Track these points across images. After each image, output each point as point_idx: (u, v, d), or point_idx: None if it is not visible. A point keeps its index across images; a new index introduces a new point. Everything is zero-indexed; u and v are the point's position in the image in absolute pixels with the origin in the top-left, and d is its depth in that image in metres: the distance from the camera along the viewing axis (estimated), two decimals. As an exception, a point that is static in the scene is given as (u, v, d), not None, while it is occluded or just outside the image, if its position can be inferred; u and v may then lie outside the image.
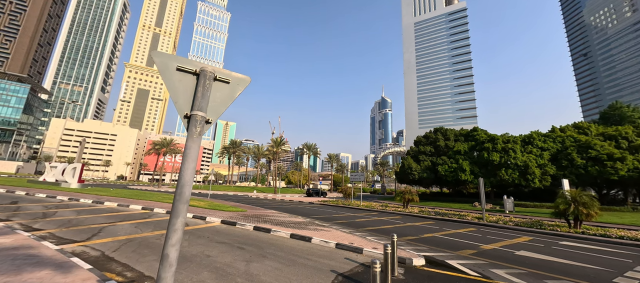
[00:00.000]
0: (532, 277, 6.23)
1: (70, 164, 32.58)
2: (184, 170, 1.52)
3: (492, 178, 33.84)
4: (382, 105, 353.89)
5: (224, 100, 1.85)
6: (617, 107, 49.31)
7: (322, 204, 28.39)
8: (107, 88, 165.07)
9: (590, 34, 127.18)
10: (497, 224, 15.42)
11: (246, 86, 1.90)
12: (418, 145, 45.93)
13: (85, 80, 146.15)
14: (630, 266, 7.64)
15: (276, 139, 66.79)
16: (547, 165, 31.81)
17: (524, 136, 35.78)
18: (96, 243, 7.42)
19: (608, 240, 11.65)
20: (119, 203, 16.27)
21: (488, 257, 8.10)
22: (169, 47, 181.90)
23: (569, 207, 13.92)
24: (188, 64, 1.71)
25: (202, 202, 19.50)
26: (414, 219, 17.58)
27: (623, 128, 31.95)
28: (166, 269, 1.39)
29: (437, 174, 39.74)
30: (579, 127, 35.87)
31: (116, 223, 10.61)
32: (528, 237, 12.09)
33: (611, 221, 18.63)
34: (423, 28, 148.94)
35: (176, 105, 1.66)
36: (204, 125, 1.68)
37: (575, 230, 13.29)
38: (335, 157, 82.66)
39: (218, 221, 12.03)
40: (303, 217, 15.21)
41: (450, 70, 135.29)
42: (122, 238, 8.17)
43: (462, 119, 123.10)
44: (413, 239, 10.51)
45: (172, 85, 1.67)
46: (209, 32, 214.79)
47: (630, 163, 27.61)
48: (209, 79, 1.71)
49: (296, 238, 9.27)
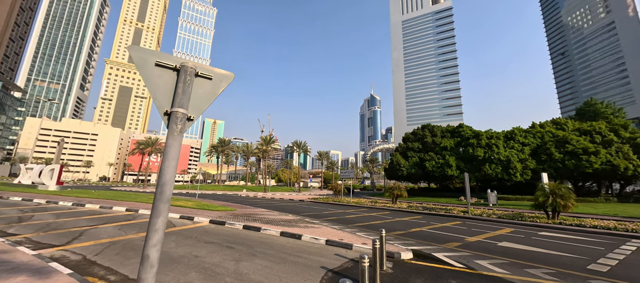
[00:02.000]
0: (514, 267, 6.51)
1: (48, 166, 31.05)
2: (164, 168, 1.48)
3: (477, 173, 34.96)
4: (371, 103, 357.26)
5: (206, 97, 1.80)
6: (592, 104, 52.00)
7: (312, 202, 28.45)
8: (87, 86, 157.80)
9: (567, 33, 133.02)
10: (482, 217, 15.97)
11: (229, 82, 1.87)
12: (406, 141, 46.75)
13: (63, 77, 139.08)
14: (602, 253, 8.12)
15: (266, 137, 66.16)
16: (527, 160, 33.19)
17: (507, 132, 37.13)
18: (77, 247, 7.14)
19: (583, 229, 12.31)
20: (102, 205, 15.69)
21: (472, 248, 8.38)
22: (153, 43, 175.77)
23: (548, 199, 14.59)
24: (167, 59, 1.65)
25: (190, 202, 19.09)
26: (403, 214, 17.93)
27: (597, 124, 33.74)
28: (147, 270, 1.35)
29: (424, 170, 40.64)
30: (557, 122, 37.59)
31: (98, 225, 10.22)
32: (510, 229, 12.61)
33: (586, 211, 19.70)
34: (410, 26, 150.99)
35: (155, 101, 1.60)
36: (186, 123, 1.63)
37: (554, 221, 13.96)
38: (326, 154, 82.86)
39: (206, 221, 11.83)
40: (293, 215, 15.19)
41: (437, 68, 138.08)
42: (105, 241, 7.89)
43: (448, 116, 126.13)
44: (401, 234, 10.73)
45: (151, 81, 1.61)
46: (195, 28, 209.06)
47: (603, 157, 29.24)
48: (190, 74, 1.67)
49: (286, 236, 9.26)
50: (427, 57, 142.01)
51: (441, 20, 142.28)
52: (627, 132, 32.57)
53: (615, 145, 30.40)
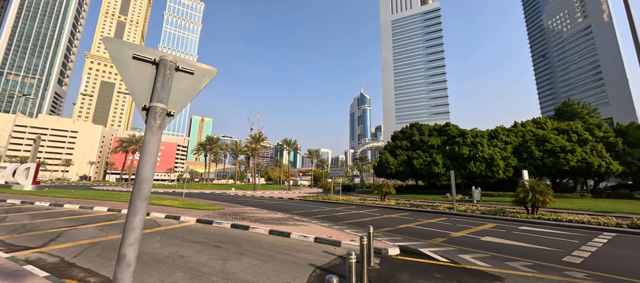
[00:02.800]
0: (495, 260, 6.77)
1: (23, 164, 29.46)
2: (142, 164, 1.43)
3: (462, 170, 35.98)
4: (361, 101, 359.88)
5: (187, 92, 1.75)
6: (570, 104, 54.52)
7: (302, 200, 28.44)
8: (65, 80, 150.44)
9: (548, 36, 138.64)
10: (466, 213, 16.48)
11: (212, 77, 1.82)
12: (395, 140, 47.47)
13: (39, 71, 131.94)
14: (576, 246, 8.57)
15: (255, 135, 65.40)
16: (510, 158, 34.46)
17: (490, 131, 38.37)
18: (54, 248, 6.83)
19: (559, 224, 12.94)
20: (82, 205, 15.06)
21: (457, 243, 8.64)
22: (136, 37, 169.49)
23: (528, 195, 15.22)
24: (146, 52, 1.59)
25: (176, 201, 18.64)
26: (391, 211, 18.23)
27: (574, 123, 35.43)
28: (123, 270, 1.30)
29: (412, 168, 41.42)
30: (537, 122, 39.18)
31: (78, 226, 9.82)
32: (492, 224, 13.08)
33: (563, 207, 20.71)
34: (400, 26, 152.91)
35: (133, 96, 1.54)
36: (165, 118, 1.58)
37: (533, 216, 14.60)
38: (316, 152, 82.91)
39: (193, 220, 11.60)
40: (282, 213, 15.14)
41: (425, 68, 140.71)
42: (85, 242, 7.59)
43: (436, 115, 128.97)
44: (389, 230, 10.91)
45: (128, 74, 1.55)
46: (181, 23, 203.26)
47: (579, 155, 30.77)
48: (170, 68, 1.61)
49: (275, 234, 9.22)
50: (415, 56, 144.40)
51: (429, 21, 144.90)
52: (601, 131, 34.38)
53: (590, 144, 32.04)
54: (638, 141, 33.86)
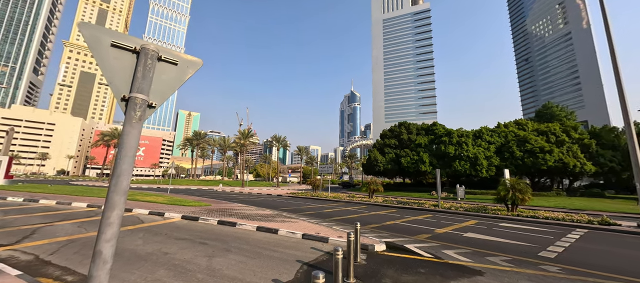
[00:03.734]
0: (476, 255, 7.02)
1: (-7, 157, 27.73)
2: (121, 158, 1.37)
3: (448, 169, 36.97)
4: (351, 99, 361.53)
5: (171, 83, 1.69)
6: (549, 107, 56.98)
7: (290, 196, 28.39)
8: (42, 70, 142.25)
9: (531, 41, 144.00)
10: (450, 210, 16.98)
11: (197, 69, 1.76)
12: (384, 138, 48.07)
13: (12, 59, 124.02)
14: (552, 241, 9.03)
15: (244, 131, 64.46)
16: (493, 157, 35.71)
17: (475, 131, 39.57)
18: (28, 246, 6.50)
19: (537, 220, 13.57)
20: (59, 201, 14.40)
21: (441, 239, 8.90)
22: (120, 26, 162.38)
23: (508, 193, 15.86)
24: (125, 40, 1.51)
25: (161, 197, 18.16)
26: (378, 208, 18.51)
27: (552, 125, 37.10)
28: (99, 267, 1.25)
29: (400, 166, 42.15)
30: (519, 123, 40.74)
31: (55, 223, 9.38)
32: (475, 221, 13.54)
33: (540, 204, 21.73)
34: (391, 25, 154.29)
35: (111, 86, 1.46)
36: (146, 110, 1.52)
37: (512, 213, 15.23)
38: (305, 149, 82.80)
39: (178, 217, 11.34)
40: (271, 210, 15.05)
41: (414, 68, 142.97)
42: (62, 239, 7.27)
43: (424, 114, 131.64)
44: (376, 227, 11.08)
45: (106, 63, 1.46)
46: (168, 13, 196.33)
47: (556, 155, 32.29)
48: (152, 58, 1.54)
49: (263, 231, 9.16)
50: (405, 56, 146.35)
51: (419, 21, 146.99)
52: (577, 133, 36.22)
53: (567, 145, 33.69)
54: (610, 143, 35.93)
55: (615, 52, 13.74)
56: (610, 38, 13.97)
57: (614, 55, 13.75)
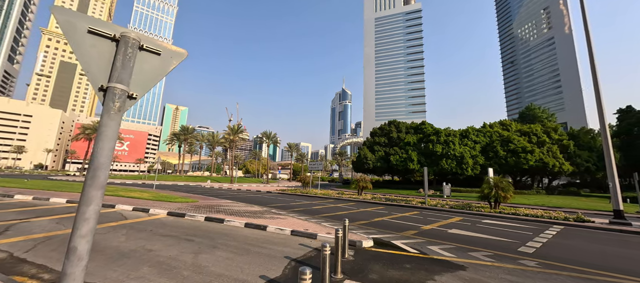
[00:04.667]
0: (459, 251, 7.24)
1: (-38, 150, 26.10)
2: (98, 150, 1.30)
3: (435, 167, 37.84)
4: (342, 97, 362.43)
5: (153, 74, 1.62)
6: (532, 108, 59.15)
7: (280, 193, 28.28)
8: (17, 58, 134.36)
9: (517, 44, 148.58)
10: (436, 207, 17.41)
11: (182, 60, 1.70)
12: (374, 136, 48.57)
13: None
14: (530, 237, 9.43)
15: (233, 127, 63.48)
16: (478, 156, 36.80)
17: (462, 130, 40.63)
18: (2, 243, 6.17)
19: (517, 217, 14.12)
20: (36, 196, 13.75)
21: (426, 236, 9.12)
22: (103, 14, 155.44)
23: (492, 191, 16.42)
24: (103, 26, 1.43)
25: (146, 193, 17.67)
26: (367, 205, 18.74)
27: (534, 126, 38.57)
28: (74, 264, 1.19)
29: (389, 163, 42.77)
30: (503, 124, 42.13)
31: (31, 219, 8.96)
32: (459, 217, 13.95)
33: (521, 202, 22.63)
34: (383, 24, 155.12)
35: (88, 74, 1.39)
36: (126, 101, 1.45)
37: (495, 210, 15.79)
38: (296, 146, 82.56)
39: (164, 213, 11.07)
40: (260, 206, 14.95)
41: (405, 67, 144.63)
42: (39, 236, 6.96)
43: (413, 113, 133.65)
44: (364, 223, 11.22)
45: (83, 50, 1.38)
46: (155, 3, 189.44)
47: (537, 155, 33.64)
48: (133, 47, 1.47)
49: (251, 228, 9.09)
50: (396, 55, 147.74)
51: (411, 21, 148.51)
52: (557, 134, 37.84)
53: (547, 146, 35.15)
54: (586, 144, 37.75)
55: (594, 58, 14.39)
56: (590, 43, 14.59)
57: (593, 61, 14.40)
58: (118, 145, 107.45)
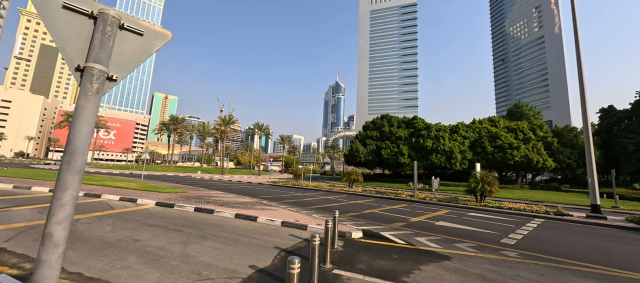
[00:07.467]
0: (445, 242, 7.46)
1: None
2: (74, 134, 1.23)
3: (425, 161, 38.53)
4: (335, 90, 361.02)
5: (135, 55, 1.54)
6: (520, 106, 60.63)
7: (271, 185, 28.26)
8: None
9: (508, 42, 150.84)
10: (425, 201, 17.82)
11: (166, 42, 1.63)
12: (366, 130, 48.84)
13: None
14: (513, 229, 9.80)
15: (225, 117, 62.49)
16: (466, 151, 37.65)
17: (452, 126, 41.34)
18: (-22, 232, 5.94)
19: (501, 210, 14.63)
20: (16, 185, 13.25)
21: (414, 227, 9.34)
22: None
23: (478, 185, 16.90)
24: (80, 2, 1.34)
25: (133, 183, 17.31)
26: (357, 198, 18.98)
27: (521, 123, 39.63)
28: (49, 251, 1.14)
29: (380, 157, 43.25)
30: (492, 120, 43.07)
31: (11, 208, 8.64)
32: (446, 210, 14.33)
33: (505, 196, 23.42)
34: (378, 17, 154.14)
35: (63, 53, 1.30)
36: (105, 83, 1.38)
37: (480, 204, 16.29)
38: (288, 138, 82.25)
39: (152, 203, 10.89)
40: (250, 197, 14.91)
41: (398, 62, 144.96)
42: (20, 225, 6.72)
43: (405, 108, 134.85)
44: (354, 215, 11.38)
45: (56, 26, 1.29)
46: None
47: (523, 152, 34.69)
48: (113, 25, 1.39)
49: (241, 218, 9.06)
50: (390, 49, 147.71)
51: (406, 15, 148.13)
52: (542, 131, 39.05)
53: (532, 142, 36.27)
54: (569, 142, 39.15)
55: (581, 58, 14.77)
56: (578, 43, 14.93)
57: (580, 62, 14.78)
58: (104, 134, 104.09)
